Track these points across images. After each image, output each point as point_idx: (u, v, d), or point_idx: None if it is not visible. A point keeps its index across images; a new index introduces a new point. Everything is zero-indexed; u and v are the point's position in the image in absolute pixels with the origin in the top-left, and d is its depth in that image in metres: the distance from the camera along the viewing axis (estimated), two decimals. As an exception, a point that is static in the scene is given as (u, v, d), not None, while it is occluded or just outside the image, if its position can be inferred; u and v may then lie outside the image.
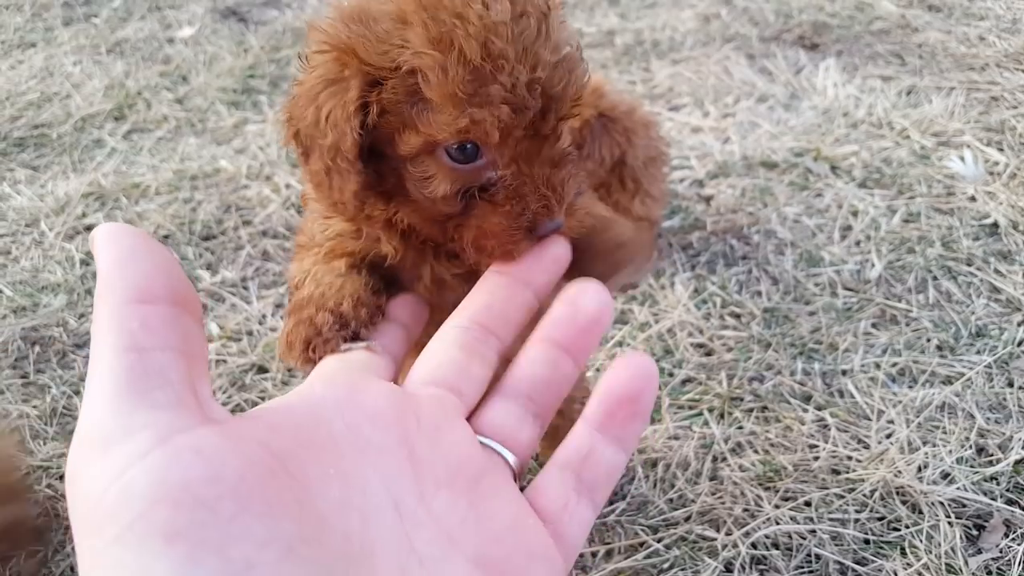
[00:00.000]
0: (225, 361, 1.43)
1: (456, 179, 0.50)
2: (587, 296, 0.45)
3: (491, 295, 0.48)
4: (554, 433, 0.50)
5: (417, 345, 0.50)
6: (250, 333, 1.50)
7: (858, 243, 1.67)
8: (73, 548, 1.14)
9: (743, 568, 1.10)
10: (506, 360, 0.48)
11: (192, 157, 2.07)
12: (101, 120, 2.28)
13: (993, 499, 1.16)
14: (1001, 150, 1.91)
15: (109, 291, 0.33)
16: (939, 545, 1.11)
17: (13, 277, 1.67)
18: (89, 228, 1.83)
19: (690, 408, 1.32)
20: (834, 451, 1.23)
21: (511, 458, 0.43)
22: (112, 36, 2.81)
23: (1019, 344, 1.41)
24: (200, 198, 1.89)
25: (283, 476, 0.32)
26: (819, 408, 1.31)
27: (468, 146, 0.49)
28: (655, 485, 1.21)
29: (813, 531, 1.13)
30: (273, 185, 1.92)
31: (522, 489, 0.43)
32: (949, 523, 1.13)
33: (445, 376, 0.44)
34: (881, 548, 1.12)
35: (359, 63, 0.48)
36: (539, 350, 0.46)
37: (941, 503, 1.15)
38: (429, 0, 0.47)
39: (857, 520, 1.14)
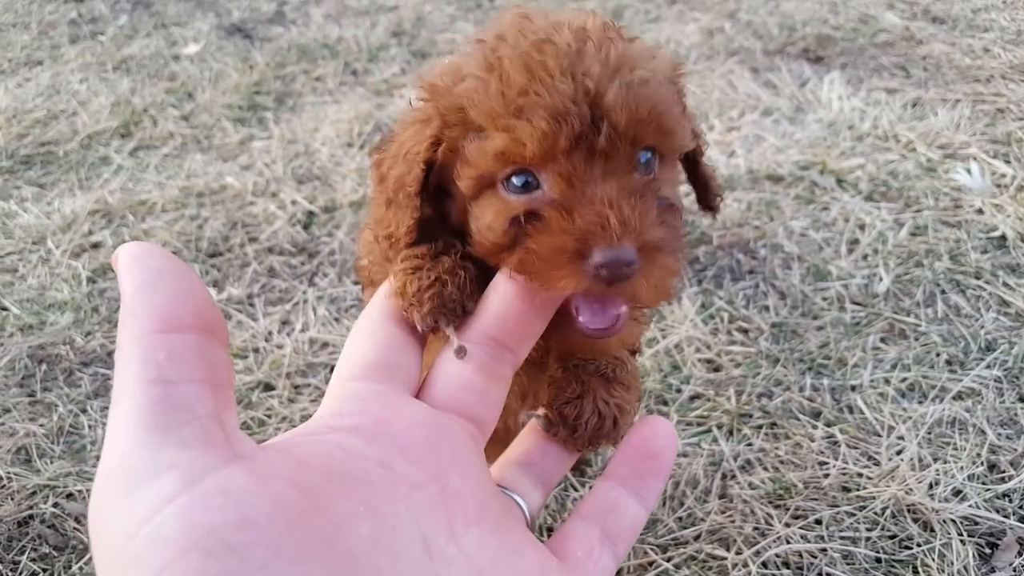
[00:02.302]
0: (231, 379, 1.43)
1: (509, 209, 0.47)
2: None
3: (507, 306, 0.45)
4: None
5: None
6: (256, 350, 1.50)
7: (865, 257, 1.66)
8: (80, 569, 1.13)
9: (754, 587, 1.09)
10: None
11: (198, 174, 2.07)
12: (107, 137, 2.29)
13: (1006, 516, 1.15)
14: (1008, 162, 1.90)
15: (134, 318, 0.32)
16: (951, 564, 1.09)
17: (20, 295, 1.67)
18: (96, 246, 1.83)
19: (699, 425, 1.31)
20: (844, 468, 1.22)
21: (525, 507, 0.44)
22: (118, 53, 2.83)
23: (1029, 358, 1.40)
24: (206, 215, 1.90)
25: (313, 516, 0.31)
26: (829, 424, 1.30)
27: (524, 177, 0.47)
28: (664, 503, 1.20)
29: (824, 550, 1.12)
30: (279, 202, 1.92)
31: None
32: (961, 541, 1.12)
33: (464, 403, 0.43)
34: (893, 567, 1.10)
35: (442, 106, 0.50)
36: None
37: (953, 521, 1.14)
38: (498, 39, 0.48)
39: (868, 538, 1.13)
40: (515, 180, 0.47)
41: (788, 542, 1.13)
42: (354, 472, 0.35)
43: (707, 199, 0.60)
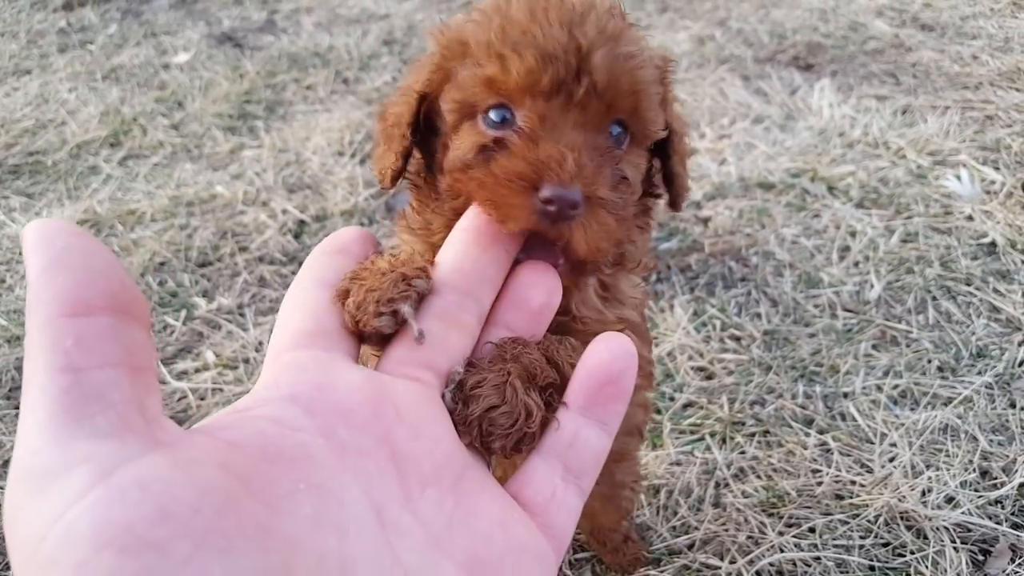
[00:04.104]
0: (221, 390, 1.42)
1: (482, 138, 0.51)
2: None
3: (461, 254, 0.44)
4: (592, 516, 0.47)
5: None
6: (247, 361, 1.49)
7: (857, 264, 1.66)
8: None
9: (748, 597, 1.09)
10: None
11: (188, 183, 2.06)
12: (96, 147, 2.28)
13: (998, 523, 1.15)
14: (997, 169, 1.91)
15: (39, 303, 0.29)
16: (945, 571, 1.09)
17: (7, 306, 1.66)
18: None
19: (691, 433, 1.31)
20: (837, 476, 1.22)
21: None
22: (108, 62, 2.82)
23: (1020, 364, 1.40)
24: (196, 224, 1.89)
25: (245, 501, 0.29)
26: (821, 432, 1.29)
27: (503, 113, 0.50)
28: (657, 512, 1.19)
29: (818, 558, 1.12)
30: (270, 211, 1.91)
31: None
32: (955, 548, 1.12)
33: (420, 351, 0.41)
34: (887, 575, 1.10)
35: (446, 40, 0.55)
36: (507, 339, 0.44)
37: (946, 528, 1.14)
38: None
39: (862, 546, 1.13)
40: (493, 114, 0.51)
41: (782, 551, 1.12)
42: (292, 447, 0.33)
43: (671, 195, 0.64)
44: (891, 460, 1.25)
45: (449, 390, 0.42)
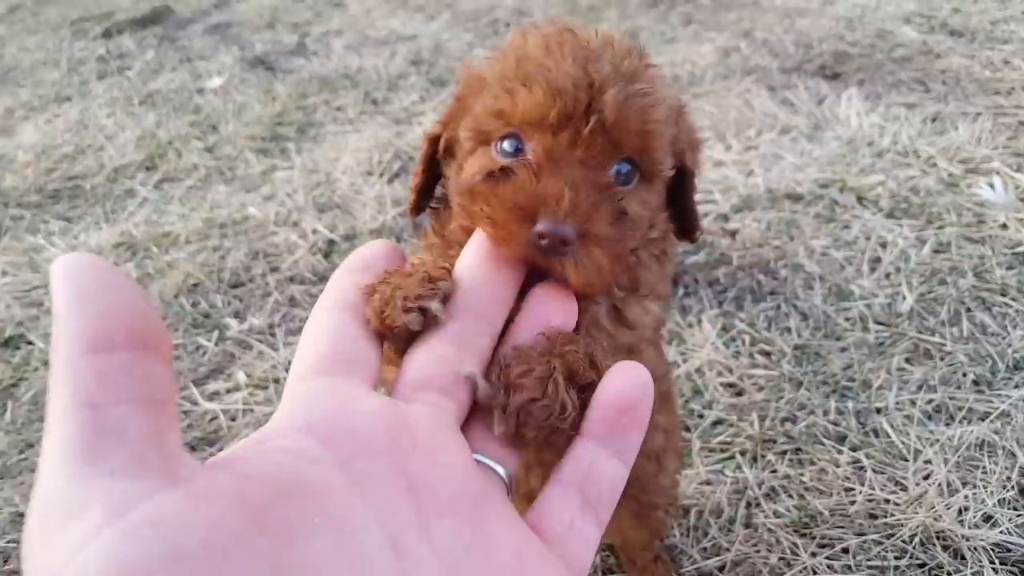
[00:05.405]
0: (252, 410, 1.44)
1: (492, 164, 0.53)
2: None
3: (474, 275, 0.45)
4: (622, 532, 0.48)
5: None
6: (277, 381, 1.51)
7: (888, 275, 1.64)
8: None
9: (780, 618, 1.07)
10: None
11: (221, 205, 2.10)
12: (133, 170, 2.34)
13: (1039, 542, 1.12)
14: (1032, 176, 1.88)
15: (63, 339, 0.30)
16: (984, 592, 1.07)
17: (45, 329, 1.70)
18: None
19: (722, 451, 1.30)
20: (871, 494, 1.20)
21: (503, 472, 0.41)
22: (144, 88, 2.89)
23: (1060, 377, 1.37)
24: (229, 245, 1.92)
25: (258, 537, 0.29)
26: (854, 449, 1.28)
27: (515, 143, 0.52)
28: (688, 533, 1.18)
29: (852, 578, 1.10)
30: (300, 231, 1.95)
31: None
32: (994, 569, 1.09)
33: (435, 375, 0.41)
34: (923, 595, 1.08)
35: (467, 76, 0.59)
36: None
37: (984, 548, 1.12)
38: (533, 28, 0.56)
39: (897, 567, 1.11)
40: (506, 144, 0.53)
41: (815, 572, 1.11)
42: (308, 479, 0.33)
43: (684, 232, 0.66)
44: (926, 478, 1.22)
45: (492, 376, 0.42)
